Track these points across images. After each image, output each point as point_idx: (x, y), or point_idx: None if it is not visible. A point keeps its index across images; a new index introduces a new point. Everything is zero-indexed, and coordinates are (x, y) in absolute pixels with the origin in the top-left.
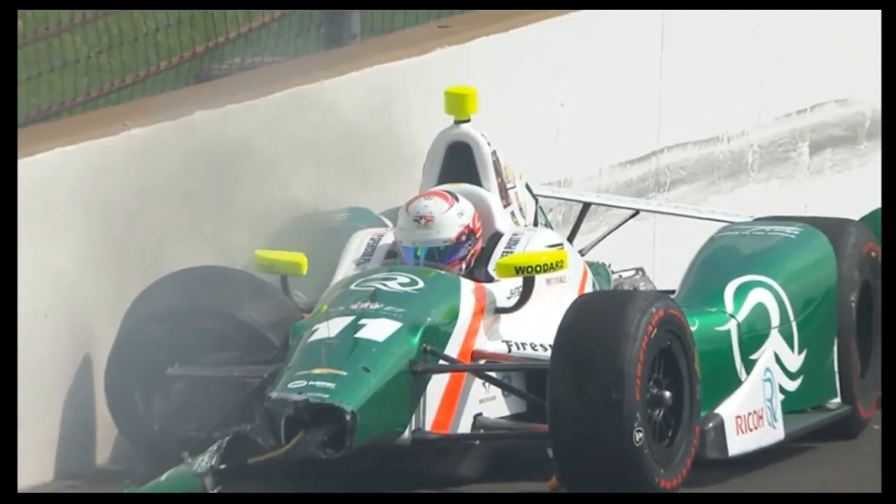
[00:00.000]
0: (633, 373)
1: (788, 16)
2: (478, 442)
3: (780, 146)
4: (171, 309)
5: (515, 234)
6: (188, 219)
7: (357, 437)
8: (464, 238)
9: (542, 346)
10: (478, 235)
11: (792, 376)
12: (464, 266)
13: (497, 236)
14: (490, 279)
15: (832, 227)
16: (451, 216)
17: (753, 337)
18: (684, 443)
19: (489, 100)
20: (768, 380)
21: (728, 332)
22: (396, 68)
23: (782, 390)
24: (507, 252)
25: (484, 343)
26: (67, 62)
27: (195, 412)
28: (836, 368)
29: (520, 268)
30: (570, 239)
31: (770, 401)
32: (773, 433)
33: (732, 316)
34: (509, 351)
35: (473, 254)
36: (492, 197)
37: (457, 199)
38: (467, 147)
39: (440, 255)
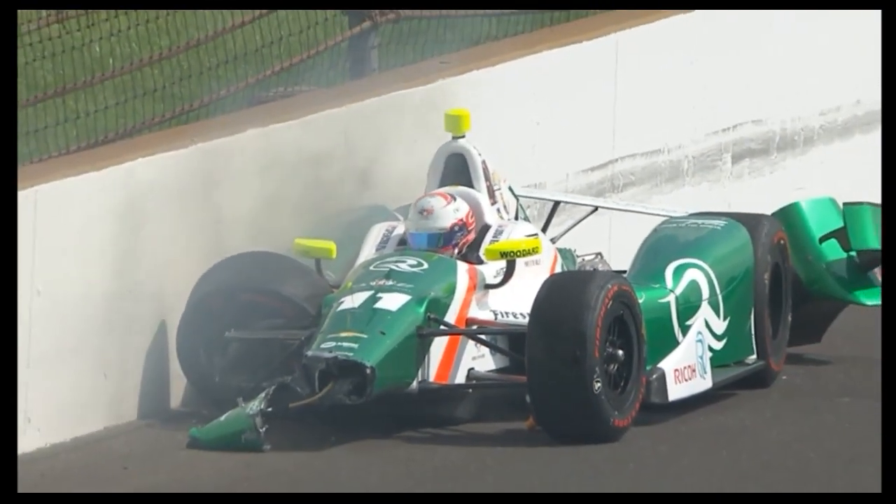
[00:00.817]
0: (593, 336)
1: (717, 50)
2: (471, 390)
3: (709, 157)
4: (228, 285)
5: (500, 226)
6: (244, 212)
7: (375, 386)
8: (456, 229)
9: (521, 314)
10: (470, 228)
11: (718, 338)
12: (455, 251)
13: (486, 227)
14: (481, 261)
15: (750, 221)
16: (448, 211)
17: (688, 307)
18: (633, 391)
19: (480, 120)
20: (700, 341)
21: (668, 304)
22: (406, 95)
23: (711, 349)
24: (494, 240)
25: (476, 312)
26: (147, 91)
27: (247, 367)
28: (752, 332)
29: (504, 253)
30: (544, 230)
31: (701, 357)
32: (703, 383)
33: (671, 291)
34: (496, 318)
35: (465, 242)
36: (482, 196)
37: (454, 199)
38: (462, 157)
39: (436, 241)
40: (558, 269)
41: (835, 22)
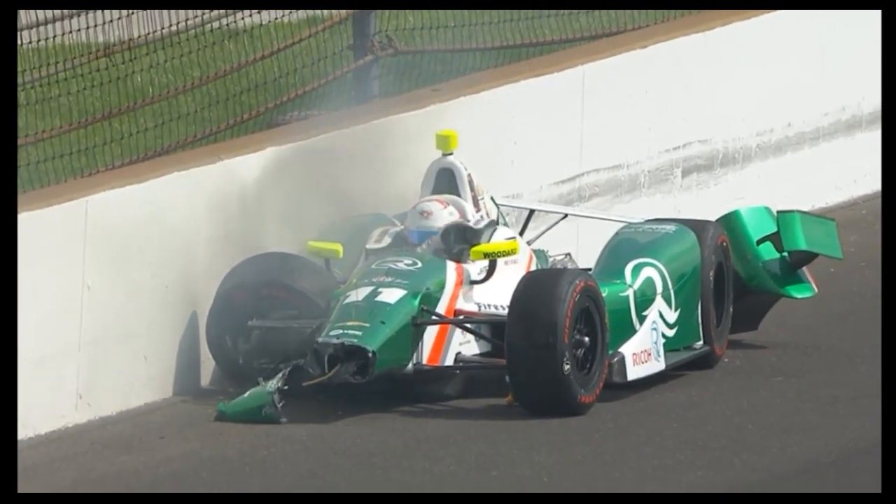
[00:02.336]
0: (563, 324)
1: (670, 81)
2: (458, 371)
3: (662, 171)
4: (250, 281)
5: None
6: (264, 218)
7: (376, 368)
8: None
9: (502, 306)
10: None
11: (670, 326)
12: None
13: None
14: (467, 261)
15: (697, 226)
16: (444, 214)
17: (644, 300)
18: (598, 371)
19: (466, 140)
20: (654, 329)
21: (627, 297)
22: (403, 118)
23: (664, 336)
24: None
25: (462, 304)
26: (181, 115)
27: (267, 351)
28: (699, 321)
29: (487, 253)
30: (521, 233)
31: (656, 343)
32: (657, 365)
33: (630, 286)
34: (480, 309)
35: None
36: (468, 205)
37: (448, 205)
38: (451, 171)
39: (426, 238)
40: (533, 268)
41: (771, 56)
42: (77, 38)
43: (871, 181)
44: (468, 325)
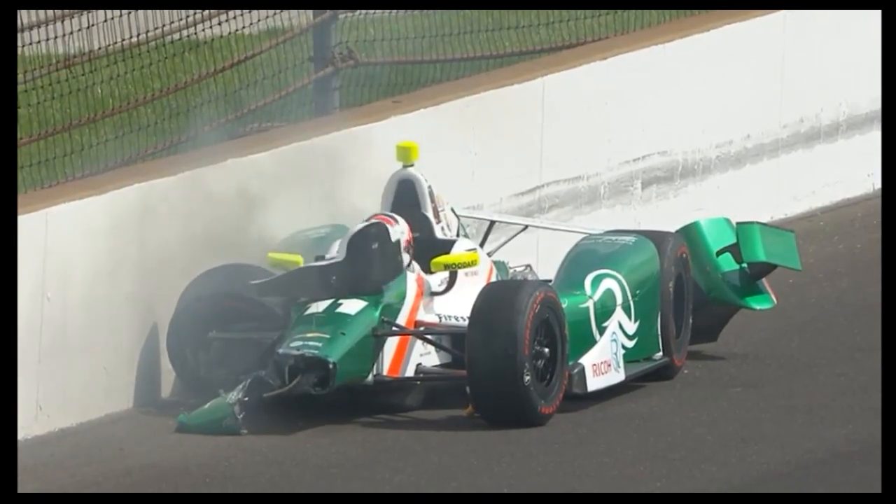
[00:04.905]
0: (523, 336)
1: (628, 92)
2: (418, 382)
3: (622, 183)
4: (210, 292)
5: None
6: (224, 230)
7: (337, 379)
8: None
9: (462, 317)
10: (411, 246)
11: (630, 337)
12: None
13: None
14: (428, 272)
15: (656, 237)
16: (396, 234)
17: (604, 311)
18: (558, 383)
19: (427, 151)
20: (614, 340)
21: (587, 308)
22: (363, 130)
23: (624, 347)
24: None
25: (423, 315)
26: (142, 126)
27: (227, 363)
28: (659, 332)
29: (447, 265)
30: (481, 245)
31: (615, 354)
32: (617, 376)
33: (590, 297)
34: (440, 321)
35: (410, 257)
36: (429, 216)
37: (397, 221)
38: (412, 183)
39: None
40: (493, 279)
41: (730, 68)
42: (37, 50)
43: (829, 192)
44: (429, 337)
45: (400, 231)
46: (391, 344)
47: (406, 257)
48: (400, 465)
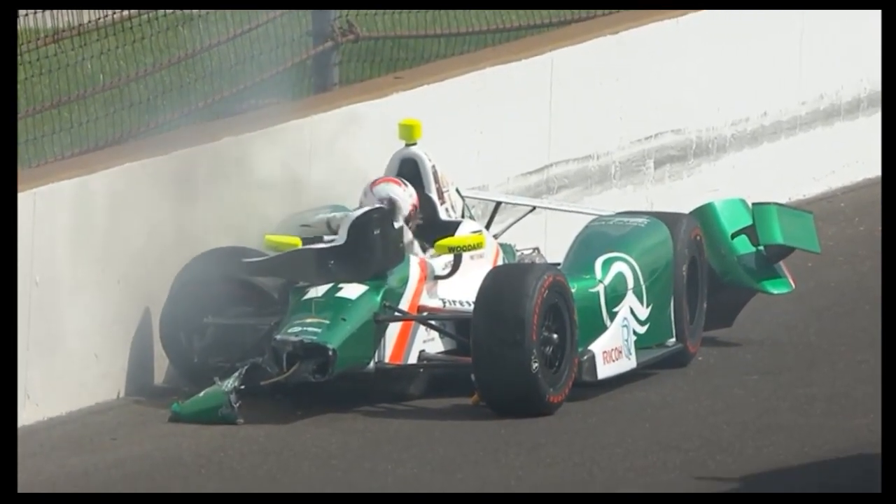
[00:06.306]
0: (531, 321)
1: (641, 68)
2: (422, 370)
3: (634, 162)
4: (205, 276)
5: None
6: (220, 211)
7: (337, 366)
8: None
9: (467, 302)
10: (418, 211)
11: (642, 323)
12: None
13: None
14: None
15: (669, 219)
16: (405, 196)
17: (615, 296)
18: (567, 370)
19: (430, 129)
20: (625, 326)
21: (598, 293)
22: (364, 107)
23: (635, 333)
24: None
25: (426, 300)
26: (133, 103)
27: (223, 349)
28: (672, 317)
29: (451, 248)
30: (487, 227)
31: (627, 340)
32: (628, 363)
33: (600, 281)
34: (444, 306)
35: (415, 224)
36: (433, 197)
37: (406, 185)
38: (415, 162)
39: None
40: (500, 262)
41: (747, 44)
42: (24, 24)
43: (850, 172)
44: (432, 322)
45: (409, 194)
46: (393, 330)
47: (408, 235)
48: (403, 457)
